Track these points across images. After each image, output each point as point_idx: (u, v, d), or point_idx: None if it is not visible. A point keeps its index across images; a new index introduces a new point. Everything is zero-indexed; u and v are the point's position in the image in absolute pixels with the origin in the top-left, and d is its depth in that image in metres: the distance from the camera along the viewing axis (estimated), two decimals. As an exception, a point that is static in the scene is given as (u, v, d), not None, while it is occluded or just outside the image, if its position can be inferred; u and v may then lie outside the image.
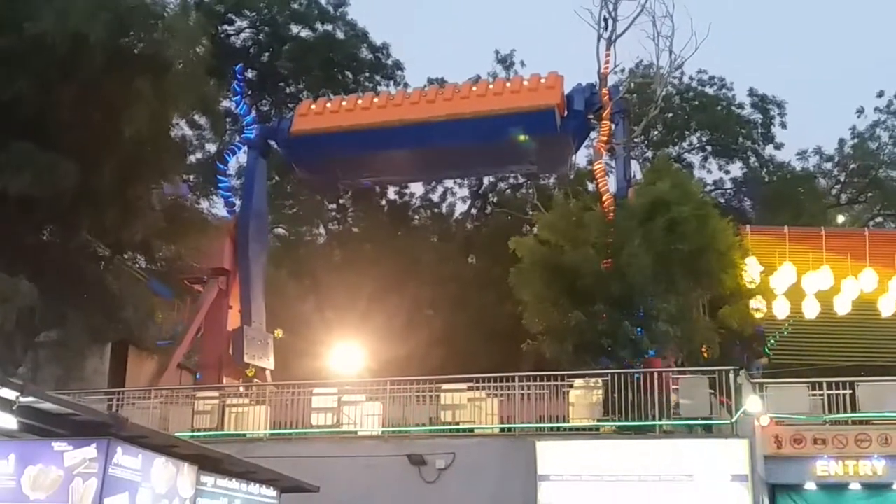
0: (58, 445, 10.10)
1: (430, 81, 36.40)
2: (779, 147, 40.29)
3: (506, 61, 41.28)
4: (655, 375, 18.71)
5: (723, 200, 38.89)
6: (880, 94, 40.86)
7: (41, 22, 18.74)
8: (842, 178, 41.57)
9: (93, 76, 19.56)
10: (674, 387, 18.69)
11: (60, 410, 9.91)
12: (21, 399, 9.17)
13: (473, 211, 41.75)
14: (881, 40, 79.27)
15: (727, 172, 40.61)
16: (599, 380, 19.16)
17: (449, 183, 40.32)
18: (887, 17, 78.87)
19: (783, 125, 40.12)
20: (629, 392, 18.41)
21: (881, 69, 52.72)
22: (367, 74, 41.30)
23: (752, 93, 40.44)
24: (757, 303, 22.61)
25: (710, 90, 40.61)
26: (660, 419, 18.24)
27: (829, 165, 41.85)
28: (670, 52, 25.73)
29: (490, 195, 41.43)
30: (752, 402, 17.93)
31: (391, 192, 40.96)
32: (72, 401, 10.91)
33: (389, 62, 41.74)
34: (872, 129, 40.83)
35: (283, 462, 15.48)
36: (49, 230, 21.83)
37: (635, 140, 30.96)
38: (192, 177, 30.60)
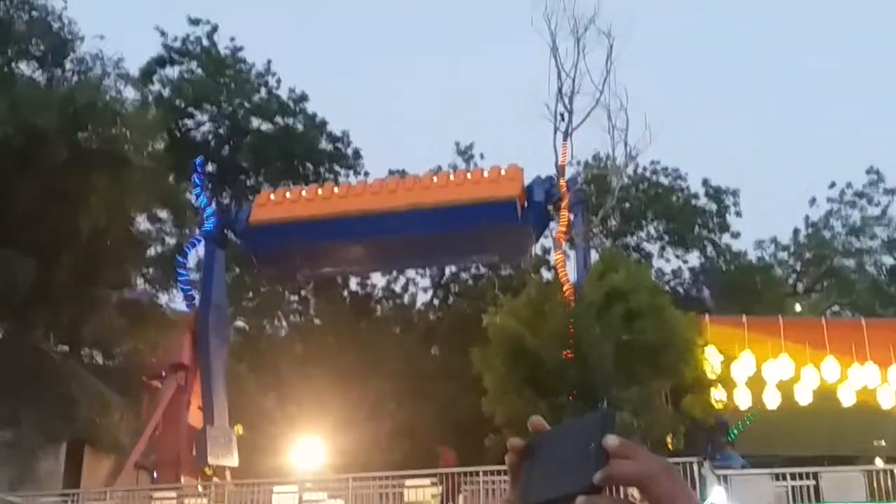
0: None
1: (391, 172, 36.77)
2: (735, 236, 40.93)
3: (466, 153, 41.86)
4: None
5: (682, 290, 39.26)
6: (832, 185, 41.79)
7: None
8: (797, 268, 42.18)
9: (50, 170, 19.54)
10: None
11: (10, 517, 9.61)
12: (-31, 506, 8.90)
13: (436, 301, 41.75)
14: (832, 126, 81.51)
15: (685, 262, 41.09)
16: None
17: (411, 273, 40.38)
18: (836, 105, 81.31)
19: (738, 214, 40.83)
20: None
21: (833, 157, 54.16)
22: (328, 165, 41.62)
23: (705, 183, 41.21)
24: (718, 392, 22.63)
25: (664, 180, 41.32)
26: (626, 512, 17.99)
27: (784, 255, 42.51)
28: (625, 144, 26.29)
29: (452, 285, 41.50)
30: (716, 494, 17.83)
31: (353, 283, 40.93)
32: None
33: (349, 151, 42.15)
34: (826, 219, 41.62)
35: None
36: (3, 326, 21.49)
37: (593, 230, 31.32)
38: (150, 270, 30.32)
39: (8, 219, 19.57)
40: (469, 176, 27.35)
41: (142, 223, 28.09)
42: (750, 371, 22.87)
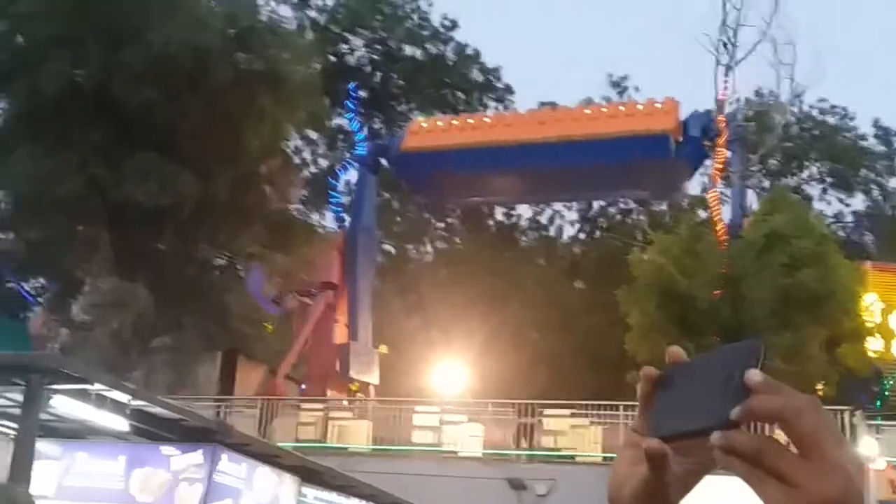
0: (166, 449, 10.30)
1: (542, 104, 36.29)
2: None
3: (619, 85, 40.88)
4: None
5: (843, 234, 37.57)
6: None
7: (162, 34, 19.31)
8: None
9: (213, 90, 20.11)
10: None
11: (170, 415, 10.10)
12: (133, 402, 9.39)
13: (582, 235, 41.35)
14: None
15: (847, 205, 39.21)
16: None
17: (557, 205, 40.01)
18: None
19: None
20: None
21: None
22: (478, 96, 41.41)
23: (876, 124, 39.01)
24: (875, 342, 21.68)
25: (831, 119, 39.35)
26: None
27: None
28: (791, 80, 25.11)
29: (599, 220, 40.96)
30: (867, 445, 17.16)
31: (499, 213, 40.91)
32: (181, 406, 11.12)
33: (500, 85, 41.80)
34: None
35: (383, 478, 15.49)
36: (167, 239, 22.48)
37: (752, 169, 30.23)
38: (304, 191, 31.13)
39: (174, 136, 20.33)
40: (622, 108, 26.74)
41: (297, 145, 28.77)
42: (911, 321, 21.83)
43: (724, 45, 25.25)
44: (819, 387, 19.90)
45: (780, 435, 0.85)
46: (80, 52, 19.91)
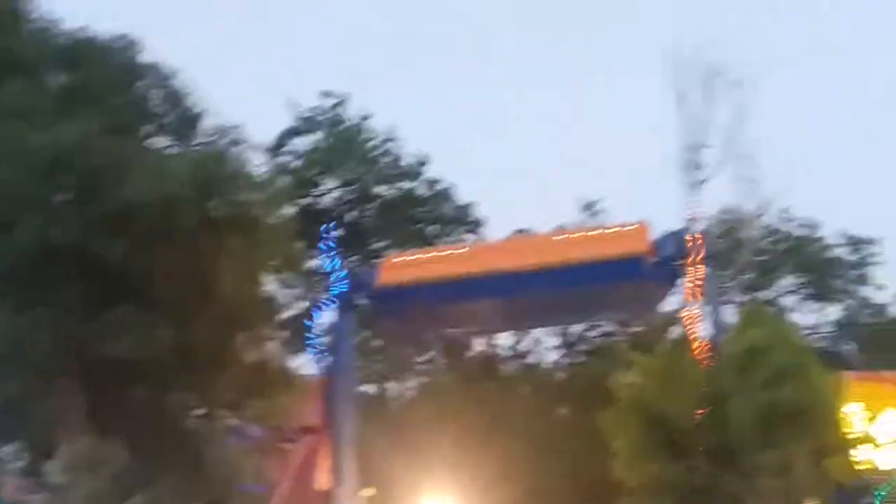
0: None
1: (516, 232, 36.63)
2: (880, 288, 38.99)
3: (590, 208, 41.44)
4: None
5: (821, 344, 37.59)
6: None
7: (127, 188, 19.44)
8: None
9: (183, 237, 20.16)
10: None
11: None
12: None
13: (564, 361, 41.12)
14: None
15: (824, 316, 39.37)
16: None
17: (537, 332, 39.94)
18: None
19: (879, 265, 38.94)
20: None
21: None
22: (451, 228, 41.84)
23: (843, 234, 39.60)
24: (862, 452, 21.39)
25: (800, 231, 39.91)
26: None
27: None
28: (758, 196, 25.63)
29: (580, 344, 40.83)
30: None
31: (479, 344, 40.73)
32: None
33: (472, 219, 42.32)
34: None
35: None
36: (143, 390, 22.16)
37: (726, 285, 30.45)
38: (282, 334, 30.94)
39: (150, 286, 20.27)
40: (594, 234, 27.10)
41: (273, 288, 28.70)
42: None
43: (691, 165, 25.84)
44: (810, 503, 19.57)
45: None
46: (52, 212, 19.99)
